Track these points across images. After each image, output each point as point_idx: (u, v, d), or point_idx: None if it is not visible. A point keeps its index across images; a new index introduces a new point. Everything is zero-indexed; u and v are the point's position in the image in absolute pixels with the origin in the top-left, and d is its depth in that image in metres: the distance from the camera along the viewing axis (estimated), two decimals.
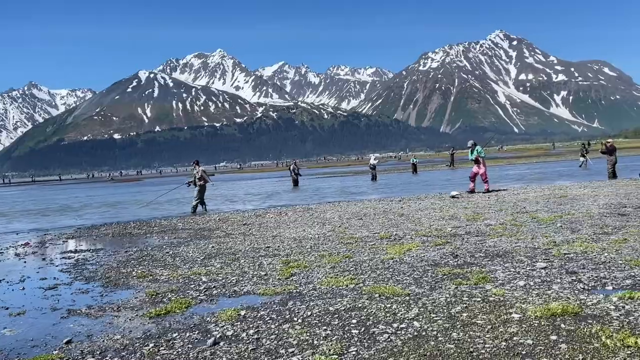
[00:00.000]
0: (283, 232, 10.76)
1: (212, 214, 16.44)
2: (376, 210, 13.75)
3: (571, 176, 25.67)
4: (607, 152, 21.94)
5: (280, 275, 6.65)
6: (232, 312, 5.11)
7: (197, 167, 18.53)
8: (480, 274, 5.93)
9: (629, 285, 5.11)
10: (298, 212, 14.75)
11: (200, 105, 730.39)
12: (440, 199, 15.80)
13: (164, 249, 9.61)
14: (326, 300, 5.35)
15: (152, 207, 22.59)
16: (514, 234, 8.54)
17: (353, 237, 9.42)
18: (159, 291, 6.29)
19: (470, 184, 17.24)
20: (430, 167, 54.27)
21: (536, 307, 4.54)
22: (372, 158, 36.48)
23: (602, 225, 8.72)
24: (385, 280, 6.00)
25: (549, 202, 12.90)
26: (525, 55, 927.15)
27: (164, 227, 13.50)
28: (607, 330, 3.90)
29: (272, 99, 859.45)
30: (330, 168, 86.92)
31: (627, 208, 10.68)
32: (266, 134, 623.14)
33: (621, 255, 6.42)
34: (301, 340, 4.23)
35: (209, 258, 8.33)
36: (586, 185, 17.11)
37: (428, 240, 8.52)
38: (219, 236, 11.00)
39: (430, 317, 4.53)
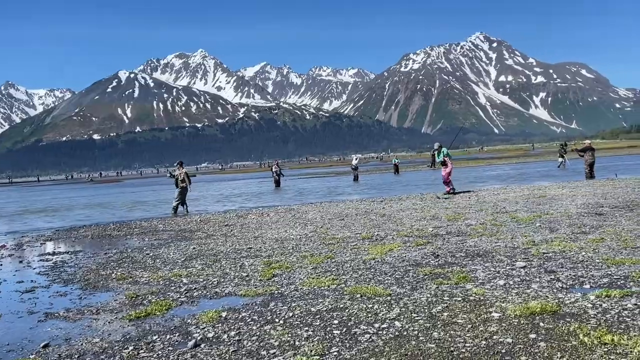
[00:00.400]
0: (265, 233, 10.72)
1: (194, 215, 16.31)
2: (358, 211, 13.78)
3: (550, 176, 26.06)
4: (580, 151, 22.39)
5: (262, 276, 6.62)
6: (213, 313, 5.08)
7: (181, 168, 18.41)
8: (461, 273, 5.97)
9: (605, 284, 5.20)
10: (280, 213, 14.71)
11: (182, 105, 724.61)
12: (422, 200, 15.90)
13: (145, 251, 9.51)
14: (308, 301, 5.34)
15: (133, 209, 22.34)
16: (494, 233, 8.63)
17: (335, 237, 9.43)
18: (139, 293, 6.22)
19: (446, 187, 17.35)
20: (412, 167, 54.63)
21: (516, 306, 4.59)
22: (354, 159, 36.57)
23: (579, 225, 8.87)
24: (367, 280, 6.02)
25: (528, 202, 13.08)
26: (505, 57, 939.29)
27: (145, 229, 13.35)
28: (584, 328, 3.96)
29: (254, 99, 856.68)
30: (313, 169, 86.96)
31: (604, 208, 10.87)
32: (248, 134, 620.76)
33: (598, 254, 6.53)
34: (283, 341, 4.22)
35: (190, 259, 8.26)
36: (564, 186, 17.38)
37: (409, 240, 8.57)
38: (200, 237, 10.92)
39: (411, 317, 4.55)
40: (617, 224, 8.67)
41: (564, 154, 36.27)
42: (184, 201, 18.28)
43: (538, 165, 41.14)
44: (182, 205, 18.20)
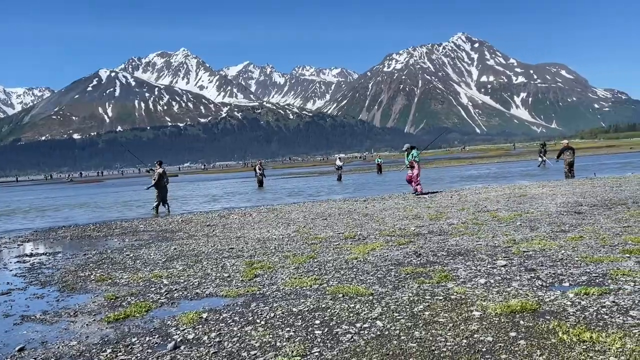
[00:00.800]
0: (247, 233, 10.65)
1: (175, 215, 16.16)
2: (341, 211, 13.78)
3: (530, 176, 26.39)
4: (559, 155, 22.78)
5: (243, 276, 6.57)
6: (194, 315, 5.01)
7: (158, 167, 18.31)
8: (442, 272, 5.99)
9: (584, 282, 5.26)
10: (262, 213, 14.64)
11: (164, 104, 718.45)
12: (404, 199, 15.97)
13: (125, 252, 9.38)
14: (290, 301, 5.30)
15: (113, 209, 22.06)
16: (475, 232, 8.69)
17: (317, 237, 9.41)
18: (118, 295, 6.12)
19: (410, 188, 17.42)
20: (395, 167, 54.85)
21: (496, 305, 4.61)
22: (337, 159, 36.62)
23: (559, 223, 8.97)
24: (349, 280, 6.00)
25: (509, 201, 13.20)
26: (486, 58, 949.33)
27: (125, 229, 13.18)
28: (563, 325, 3.99)
29: (237, 99, 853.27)
30: (296, 168, 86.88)
31: (583, 206, 11.03)
32: (231, 134, 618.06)
33: (577, 252, 6.60)
34: (264, 342, 4.18)
35: (171, 260, 8.17)
36: (545, 185, 17.59)
37: (392, 239, 8.58)
38: (181, 238, 10.81)
39: (393, 317, 4.54)
40: (595, 223, 8.79)
41: (544, 154, 36.83)
42: (165, 201, 18.14)
43: (519, 165, 41.65)
44: (163, 205, 18.06)
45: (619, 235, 7.53)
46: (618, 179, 17.98)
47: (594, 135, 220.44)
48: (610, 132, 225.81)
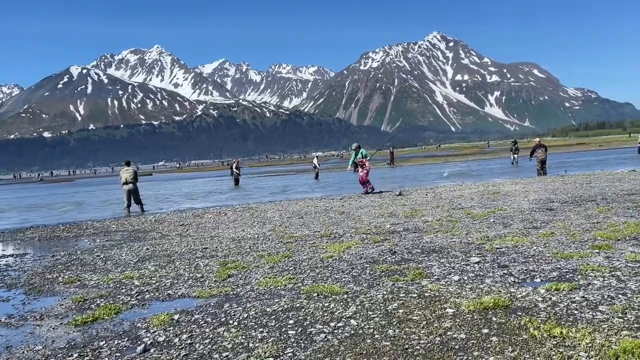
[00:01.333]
0: (222, 233, 10.53)
1: (148, 215, 15.90)
2: (317, 209, 13.74)
3: (504, 173, 26.78)
4: (532, 153, 23.17)
5: (217, 276, 6.47)
6: (165, 316, 4.91)
7: (126, 167, 18.25)
8: (416, 270, 6.00)
9: (555, 277, 5.33)
10: (238, 212, 14.51)
11: (138, 102, 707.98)
12: (380, 197, 16.02)
13: (95, 252, 9.17)
14: (263, 301, 5.24)
15: (85, 209, 21.62)
16: (449, 229, 8.75)
17: (293, 236, 9.35)
18: (87, 297, 5.97)
19: (363, 188, 17.45)
20: (372, 165, 55.10)
21: (469, 302, 4.63)
22: (315, 157, 36.58)
23: (531, 220, 9.10)
24: (324, 279, 5.97)
25: (483, 198, 13.35)
26: (461, 57, 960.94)
27: (96, 229, 12.91)
28: (535, 321, 4.03)
29: (213, 96, 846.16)
30: (273, 167, 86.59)
31: (555, 203, 11.21)
32: (206, 132, 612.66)
33: (548, 248, 6.69)
34: (236, 343, 4.11)
35: (143, 261, 8.01)
36: (517, 182, 17.86)
37: (367, 237, 8.58)
38: (154, 238, 10.62)
39: (367, 315, 4.52)
40: (566, 219, 8.94)
41: (516, 152, 37.52)
42: (139, 200, 17.91)
43: (493, 162, 42.26)
44: (137, 204, 17.82)
45: (588, 231, 7.67)
46: (588, 176, 18.36)
47: (565, 133, 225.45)
48: (580, 130, 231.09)
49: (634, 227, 7.60)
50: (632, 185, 13.80)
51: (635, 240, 6.83)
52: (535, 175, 21.66)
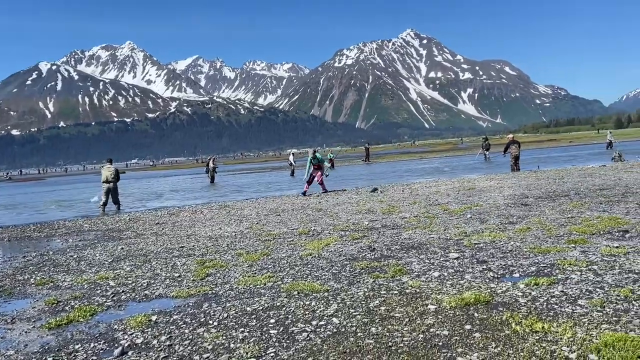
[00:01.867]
0: (198, 231, 10.38)
1: (122, 214, 15.59)
2: (294, 206, 13.67)
3: (478, 169, 27.13)
4: (505, 149, 23.49)
5: (195, 276, 6.36)
6: (143, 317, 4.79)
7: (108, 165, 17.91)
8: (396, 266, 6.00)
9: (533, 272, 5.38)
10: (214, 210, 14.34)
11: (109, 99, 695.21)
12: (357, 194, 16.03)
13: (68, 253, 8.92)
14: (243, 300, 5.16)
15: (56, 208, 21.11)
16: (427, 226, 8.79)
17: (271, 233, 9.27)
18: (60, 299, 5.79)
19: (306, 186, 17.45)
20: (347, 162, 55.24)
21: (451, 298, 4.64)
22: (291, 154, 36.43)
23: (507, 215, 9.21)
24: (304, 276, 5.91)
25: (459, 194, 13.48)
26: (434, 54, 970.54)
27: (69, 229, 12.58)
28: (516, 316, 4.05)
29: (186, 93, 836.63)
30: (248, 164, 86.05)
31: (529, 198, 11.38)
32: (180, 129, 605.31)
33: (525, 243, 6.77)
34: (217, 344, 4.03)
35: (118, 261, 7.83)
36: (492, 178, 18.09)
37: (346, 234, 8.56)
38: (129, 237, 10.40)
39: (349, 313, 4.49)
40: (541, 214, 9.07)
41: (486, 148, 38.19)
42: (116, 199, 17.62)
43: (467, 159, 42.77)
44: (115, 203, 17.53)
45: (563, 225, 7.79)
46: (560, 171, 18.72)
47: (536, 129, 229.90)
48: (550, 127, 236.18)
49: (607, 222, 7.75)
50: (603, 180, 14.11)
51: (609, 234, 6.96)
52: (509, 171, 21.99)
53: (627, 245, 6.18)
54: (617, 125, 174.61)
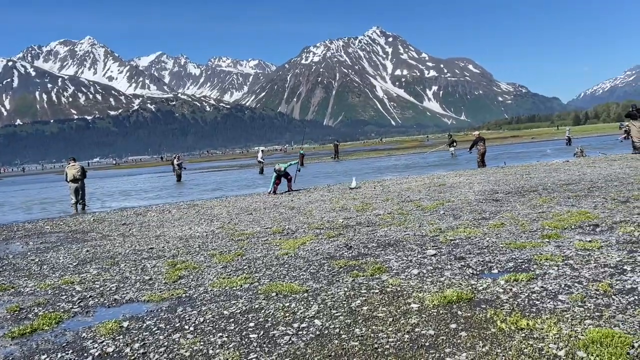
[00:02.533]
0: (167, 232, 10.08)
1: (86, 215, 15.07)
2: (266, 204, 13.47)
3: (445, 165, 27.45)
4: (471, 146, 23.81)
5: (166, 278, 6.12)
6: (113, 324, 4.55)
7: (69, 163, 17.36)
8: (375, 264, 5.92)
9: (512, 268, 5.38)
10: (183, 209, 14.00)
11: (69, 96, 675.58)
12: (330, 191, 15.94)
13: (29, 256, 8.51)
14: (220, 303, 4.98)
15: (14, 209, 20.28)
16: (402, 222, 8.75)
17: (244, 233, 9.06)
18: (23, 306, 5.47)
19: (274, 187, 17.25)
20: (317, 159, 55.16)
21: (432, 296, 4.57)
22: (260, 152, 36.08)
23: (480, 211, 9.26)
24: (282, 277, 5.76)
25: (430, 190, 13.54)
26: (400, 52, 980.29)
27: (29, 231, 12.05)
28: (500, 314, 4.01)
29: (150, 90, 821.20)
30: (215, 162, 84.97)
31: (499, 194, 11.50)
32: (144, 127, 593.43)
33: (501, 239, 6.79)
34: (195, 350, 3.85)
35: (84, 264, 7.49)
36: (461, 174, 18.28)
37: (321, 232, 8.44)
38: (94, 239, 10.02)
39: (331, 314, 4.37)
40: (512, 209, 9.16)
41: (452, 144, 38.90)
42: (83, 198, 17.11)
43: (433, 155, 43.29)
44: (80, 202, 17.01)
45: (536, 220, 7.87)
46: (526, 167, 19.07)
47: (499, 126, 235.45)
48: (512, 124, 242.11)
49: (577, 216, 7.86)
50: (568, 175, 14.42)
51: (580, 228, 7.05)
52: (476, 167, 22.30)
53: (600, 240, 6.26)
54: (575, 122, 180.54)
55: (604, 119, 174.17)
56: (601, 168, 15.94)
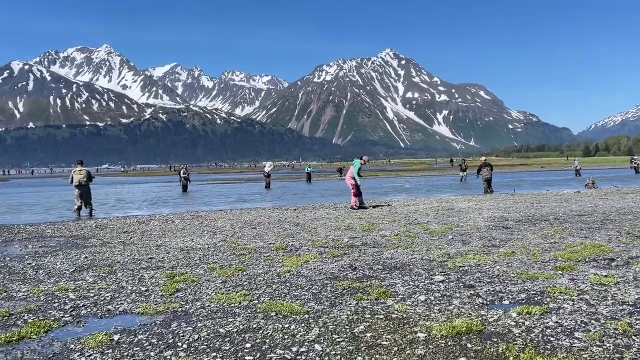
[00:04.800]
0: (169, 242, 9.88)
1: (88, 220, 14.92)
2: (271, 219, 13.27)
3: (454, 189, 27.16)
4: (478, 168, 23.57)
5: (163, 290, 5.91)
6: (103, 336, 4.33)
7: (76, 167, 17.29)
8: (380, 288, 5.67)
9: (524, 300, 5.12)
10: (186, 220, 13.82)
11: (82, 102, 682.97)
12: (335, 209, 15.72)
13: (26, 260, 8.33)
14: (216, 320, 4.75)
15: (18, 211, 20.20)
16: (409, 245, 8.51)
17: (246, 247, 8.85)
18: (13, 311, 5.26)
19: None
20: (324, 177, 55.02)
21: (440, 325, 4.33)
22: (266, 166, 35.99)
23: (489, 238, 9.00)
24: (282, 296, 5.53)
25: (438, 214, 13.29)
26: (412, 75, 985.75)
27: (30, 234, 11.90)
28: (512, 349, 3.76)
29: (162, 100, 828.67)
30: (223, 174, 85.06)
31: (509, 221, 11.24)
32: (154, 136, 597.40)
33: (512, 268, 6.54)
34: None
35: (80, 270, 7.30)
36: (470, 199, 18.03)
37: (325, 251, 8.20)
38: (94, 245, 9.84)
39: (332, 339, 4.13)
40: (524, 238, 8.90)
41: (464, 169, 38.53)
42: (89, 202, 16.98)
43: (442, 179, 43.02)
44: (86, 206, 16.88)
45: (547, 251, 7.60)
46: (537, 195, 18.79)
47: (508, 153, 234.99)
48: (522, 152, 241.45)
49: (590, 249, 7.60)
50: (580, 206, 14.13)
51: (595, 262, 6.79)
52: (482, 193, 22.03)
53: (616, 275, 5.99)
54: (585, 153, 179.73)
55: (614, 152, 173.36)
56: (613, 200, 15.65)
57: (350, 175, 15.72)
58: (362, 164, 16.02)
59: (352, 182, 15.61)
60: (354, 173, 15.62)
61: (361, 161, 16.09)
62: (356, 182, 15.53)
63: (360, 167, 15.82)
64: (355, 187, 15.51)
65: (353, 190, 15.55)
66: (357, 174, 15.61)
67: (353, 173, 15.65)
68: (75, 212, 16.76)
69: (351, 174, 15.71)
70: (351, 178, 15.66)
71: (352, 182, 15.59)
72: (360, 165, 15.85)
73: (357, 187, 15.52)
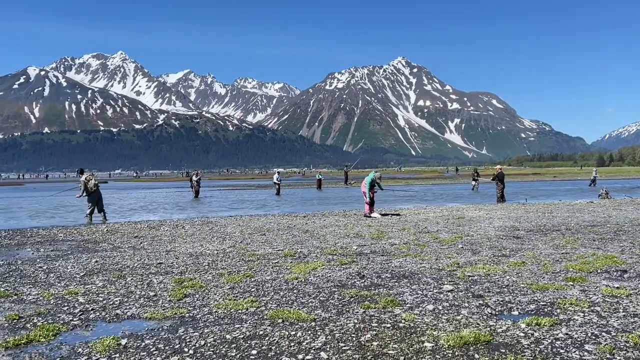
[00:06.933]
0: (178, 247, 9.93)
1: (100, 225, 15.04)
2: (280, 226, 13.28)
3: (464, 198, 27.00)
4: (496, 178, 23.41)
5: (171, 296, 5.93)
6: (111, 341, 4.36)
7: (80, 175, 17.41)
8: (388, 296, 5.65)
9: (533, 311, 5.07)
10: (196, 225, 13.88)
11: (97, 108, 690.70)
12: (345, 216, 15.69)
13: (37, 263, 8.41)
14: (223, 326, 4.75)
15: (32, 215, 20.42)
16: (418, 254, 8.46)
17: (255, 254, 8.86)
18: (22, 314, 5.31)
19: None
20: (334, 184, 54.99)
21: (448, 335, 4.29)
22: (274, 176, 36.07)
23: (500, 248, 8.93)
24: (290, 302, 5.52)
25: (448, 222, 13.21)
26: (424, 83, 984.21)
27: (42, 238, 12.02)
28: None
29: (175, 106, 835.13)
30: (234, 180, 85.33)
31: (520, 231, 11.14)
32: (167, 142, 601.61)
33: (522, 278, 6.47)
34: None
35: (91, 275, 7.35)
36: (481, 208, 17.90)
37: (334, 258, 8.19)
38: (105, 249, 9.91)
39: (338, 347, 4.11)
40: (534, 248, 8.81)
41: (477, 178, 38.23)
42: (101, 208, 17.12)
43: (454, 187, 42.80)
44: (99, 212, 17.01)
45: (559, 262, 7.53)
46: (548, 205, 18.62)
47: (520, 162, 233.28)
48: (534, 161, 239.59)
49: (603, 260, 7.51)
50: (593, 217, 13.97)
51: (607, 273, 6.70)
52: (495, 202, 21.88)
53: (628, 287, 5.91)
54: (599, 163, 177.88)
55: (629, 162, 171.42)
56: (627, 211, 15.46)
57: (364, 184, 15.72)
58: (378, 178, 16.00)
59: (364, 190, 15.61)
60: (367, 184, 15.59)
61: (377, 174, 16.16)
62: (371, 191, 15.54)
63: (373, 179, 15.75)
64: (367, 195, 15.49)
65: (366, 199, 15.52)
66: (369, 186, 15.56)
67: (366, 184, 15.62)
68: (88, 216, 16.91)
69: (365, 184, 15.69)
70: (364, 186, 15.65)
71: (364, 191, 15.58)
72: (373, 177, 15.81)
73: (370, 196, 15.50)
